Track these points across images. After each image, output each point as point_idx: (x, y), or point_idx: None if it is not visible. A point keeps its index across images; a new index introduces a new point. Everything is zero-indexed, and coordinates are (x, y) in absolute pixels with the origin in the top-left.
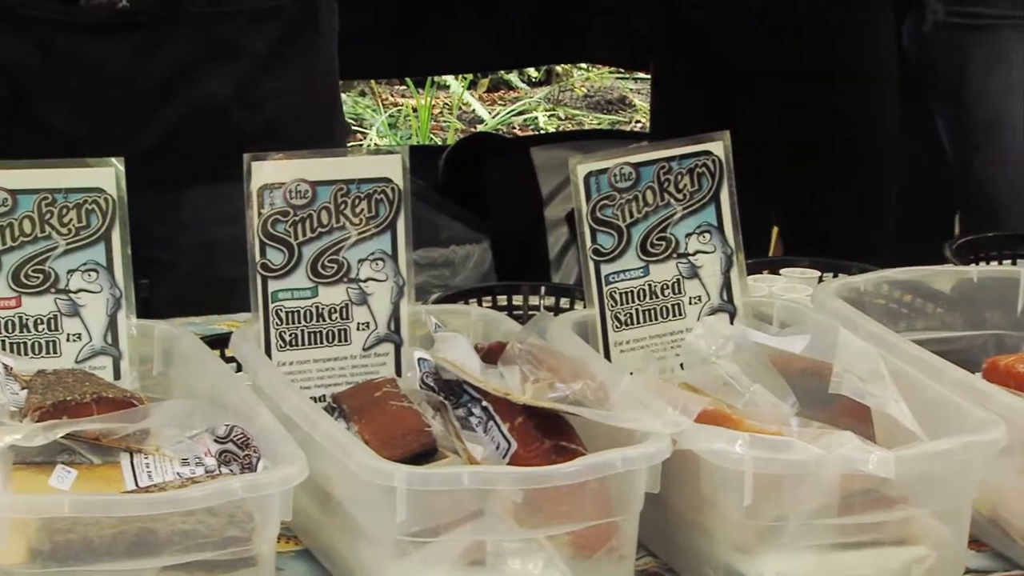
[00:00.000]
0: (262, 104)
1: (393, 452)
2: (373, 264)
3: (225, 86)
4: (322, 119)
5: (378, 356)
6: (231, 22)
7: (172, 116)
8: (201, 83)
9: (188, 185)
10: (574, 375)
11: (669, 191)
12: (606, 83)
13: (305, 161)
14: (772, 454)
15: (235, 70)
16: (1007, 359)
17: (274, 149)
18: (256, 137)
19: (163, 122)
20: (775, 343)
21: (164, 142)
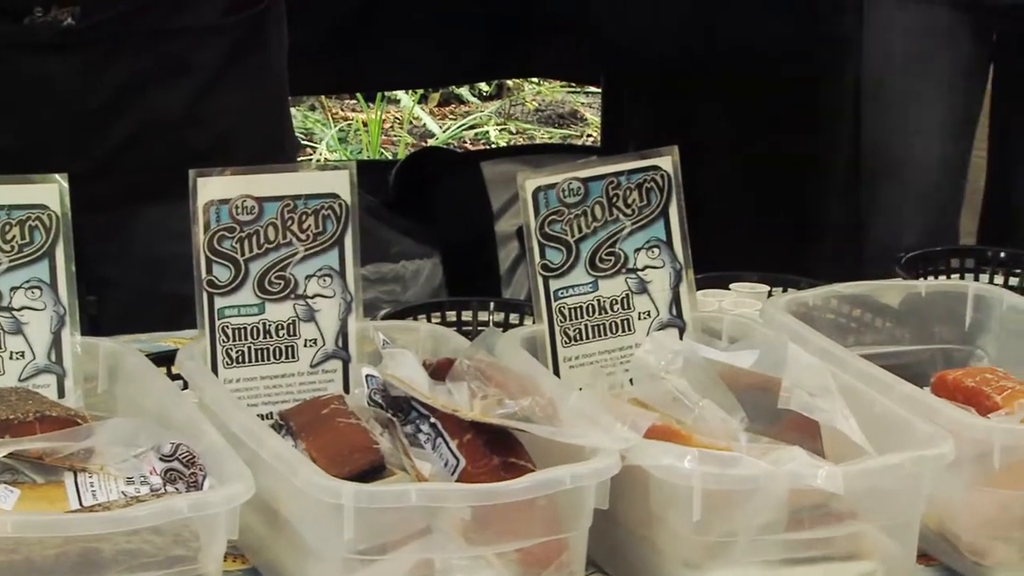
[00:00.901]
0: (212, 121)
1: (340, 470)
2: (320, 280)
3: (174, 103)
4: (273, 135)
5: (326, 373)
6: (179, 39)
7: (121, 134)
8: (150, 100)
9: (138, 202)
10: (523, 391)
11: (618, 206)
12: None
13: (251, 177)
14: (721, 469)
15: (184, 87)
16: (955, 373)
17: (225, 165)
18: (206, 154)
19: (112, 140)
20: (724, 358)
21: (113, 160)
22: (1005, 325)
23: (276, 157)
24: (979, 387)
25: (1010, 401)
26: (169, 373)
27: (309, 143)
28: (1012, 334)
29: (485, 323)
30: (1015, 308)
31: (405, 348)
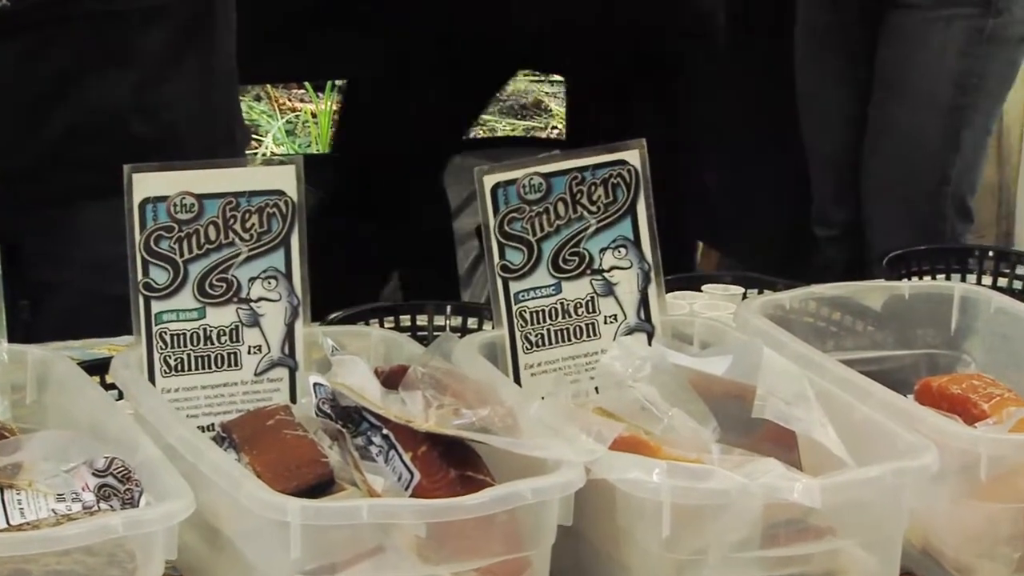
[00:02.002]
0: (159, 110)
1: (287, 484)
2: (265, 283)
3: (119, 91)
4: (224, 124)
5: (271, 382)
6: (123, 22)
7: (62, 125)
8: (93, 89)
9: (80, 199)
10: (481, 400)
11: (582, 203)
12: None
13: (191, 173)
14: (691, 483)
15: (129, 74)
16: (940, 380)
17: (174, 158)
18: (154, 146)
19: (52, 132)
20: (695, 364)
21: (54, 153)
22: (993, 328)
23: (227, 148)
24: (965, 395)
25: (998, 409)
26: (103, 382)
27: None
28: (1000, 338)
29: (441, 328)
30: (1003, 310)
31: (356, 355)
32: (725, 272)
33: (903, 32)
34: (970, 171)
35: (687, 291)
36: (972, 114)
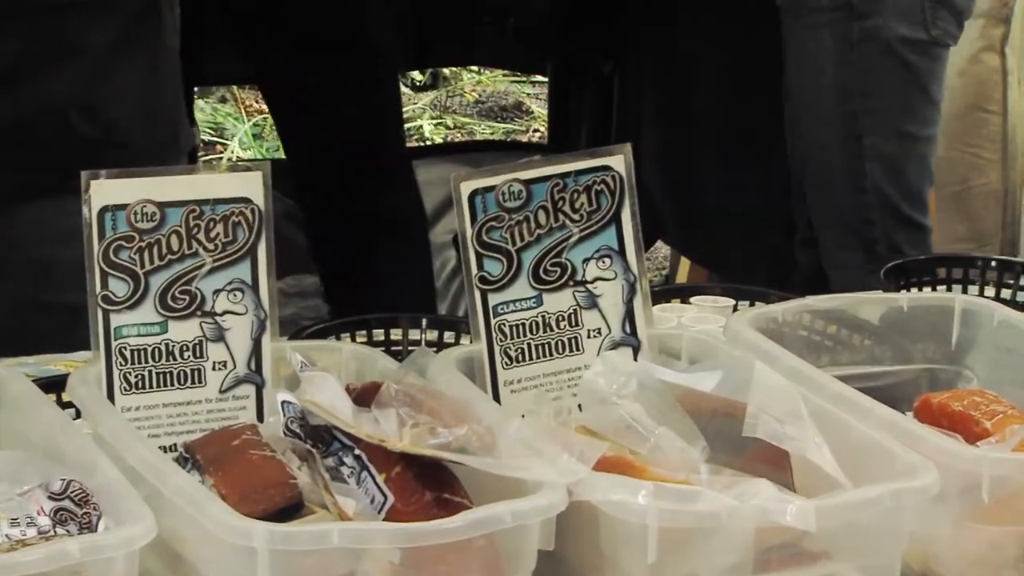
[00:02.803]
0: (103, 107)
1: (253, 508)
2: (231, 295)
3: (61, 87)
4: (168, 124)
5: (236, 399)
6: (65, 16)
7: (2, 122)
8: (34, 85)
9: (21, 199)
10: (458, 419)
11: (564, 211)
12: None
13: (152, 179)
14: (679, 505)
15: (72, 69)
16: (940, 396)
17: (117, 157)
18: (98, 144)
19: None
20: (683, 381)
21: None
22: (996, 342)
23: (171, 150)
24: (967, 412)
25: (1001, 427)
26: (59, 400)
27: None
28: (1004, 352)
29: (416, 342)
30: (1007, 323)
31: (326, 371)
32: (715, 283)
33: (786, 43)
34: (900, 178)
35: (675, 303)
36: (871, 120)
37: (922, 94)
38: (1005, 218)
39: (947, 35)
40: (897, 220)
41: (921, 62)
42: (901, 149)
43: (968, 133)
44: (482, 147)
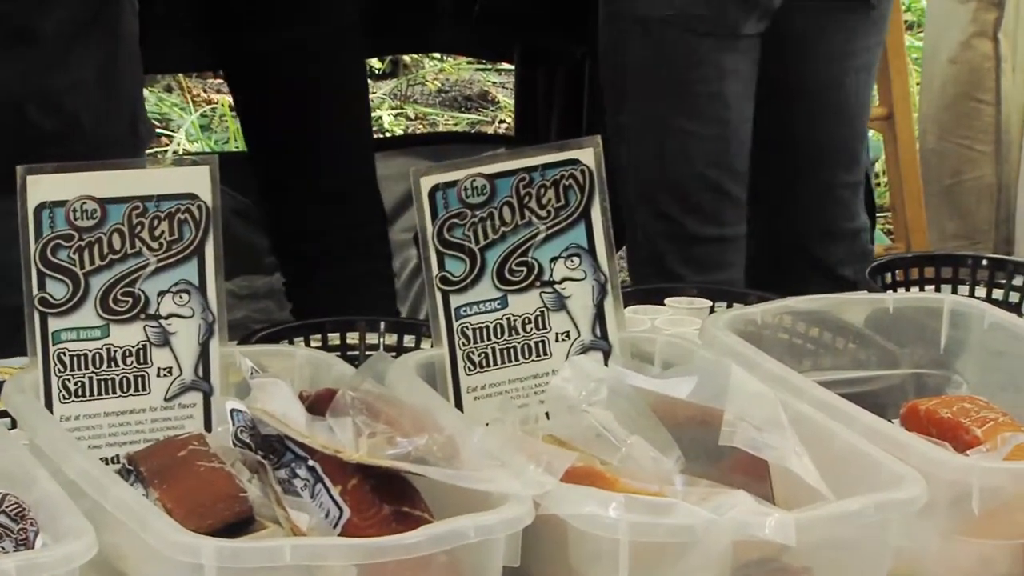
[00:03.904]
0: (59, 98)
1: (201, 522)
2: (176, 297)
3: (15, 77)
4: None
5: (183, 408)
6: (18, 2)
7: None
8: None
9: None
10: (418, 427)
11: (530, 207)
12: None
13: (92, 174)
14: (652, 519)
15: (26, 59)
16: (928, 403)
17: (73, 151)
18: (52, 138)
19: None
20: (657, 387)
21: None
22: (987, 345)
23: (130, 143)
24: (956, 419)
25: (992, 435)
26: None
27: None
28: (995, 356)
29: (375, 347)
30: (998, 325)
31: (278, 377)
32: (691, 284)
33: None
34: (659, 166)
35: (648, 305)
36: (627, 103)
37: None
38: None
39: (688, 17)
40: (653, 214)
41: (671, 45)
42: (661, 135)
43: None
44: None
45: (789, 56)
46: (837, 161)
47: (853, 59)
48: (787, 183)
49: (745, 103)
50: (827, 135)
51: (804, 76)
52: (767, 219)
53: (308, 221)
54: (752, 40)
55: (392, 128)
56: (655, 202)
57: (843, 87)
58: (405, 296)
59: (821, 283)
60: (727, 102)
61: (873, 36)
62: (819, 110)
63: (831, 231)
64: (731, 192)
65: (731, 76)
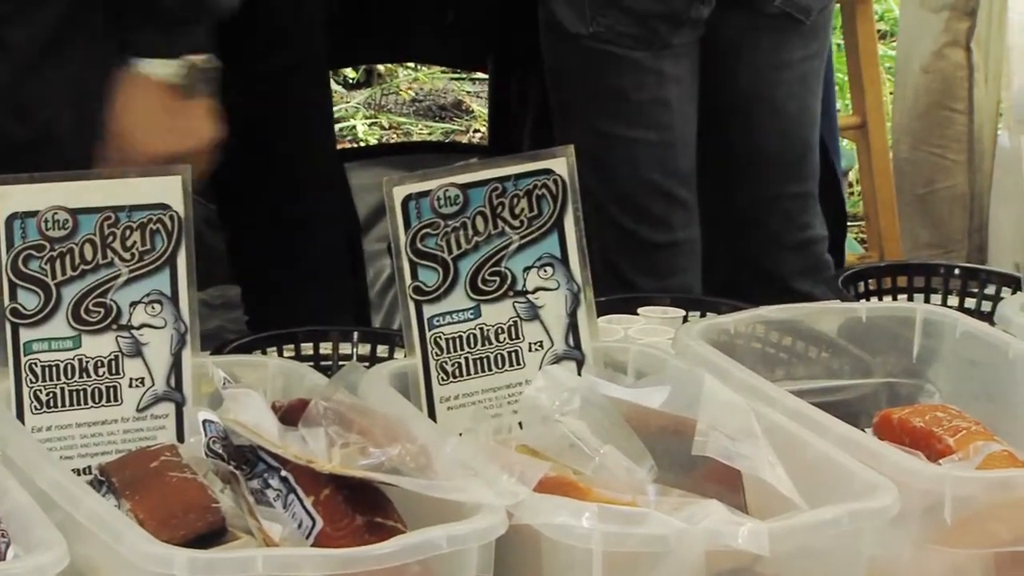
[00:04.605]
0: (35, 108)
1: (173, 533)
2: (148, 307)
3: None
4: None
5: (155, 418)
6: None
7: None
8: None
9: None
10: (391, 437)
11: (503, 217)
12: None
13: (64, 184)
14: (625, 528)
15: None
16: (901, 412)
17: (50, 162)
18: (27, 148)
19: None
20: (630, 396)
21: None
22: (959, 354)
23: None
24: (929, 428)
25: (964, 444)
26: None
27: None
28: (967, 365)
29: (347, 357)
30: (971, 334)
31: (250, 388)
32: (664, 293)
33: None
34: (604, 174)
35: (621, 314)
36: (565, 113)
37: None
38: (972, 223)
39: (614, 33)
40: (605, 223)
41: (605, 57)
42: (602, 146)
43: (932, 133)
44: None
45: (722, 67)
46: (779, 172)
47: (786, 71)
48: (729, 195)
49: (688, 106)
50: (765, 147)
51: (737, 88)
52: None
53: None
54: (687, 47)
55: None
56: (605, 212)
57: (775, 99)
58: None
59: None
60: (669, 106)
61: (810, 47)
62: (755, 122)
63: (779, 242)
64: (680, 196)
65: (670, 81)
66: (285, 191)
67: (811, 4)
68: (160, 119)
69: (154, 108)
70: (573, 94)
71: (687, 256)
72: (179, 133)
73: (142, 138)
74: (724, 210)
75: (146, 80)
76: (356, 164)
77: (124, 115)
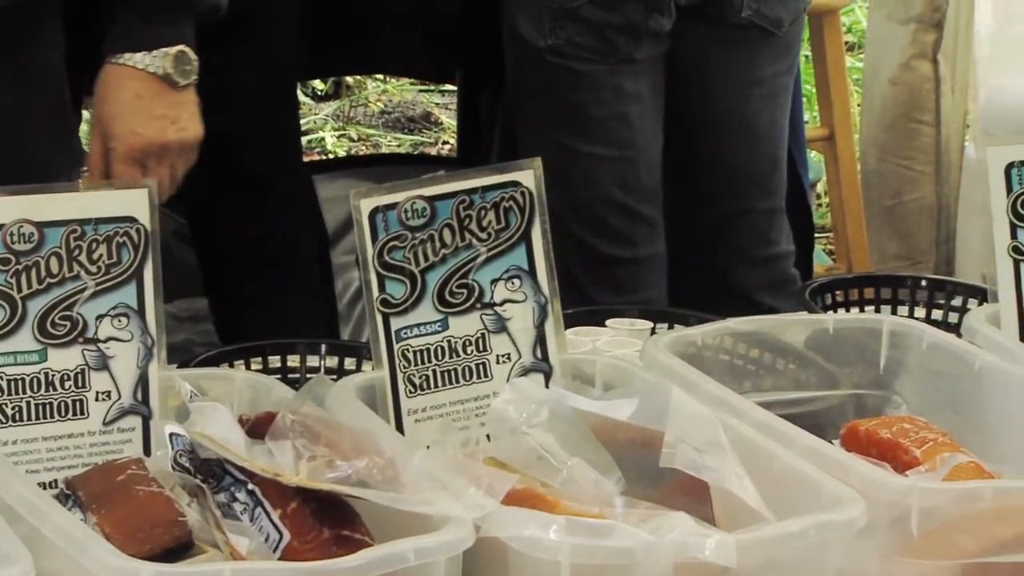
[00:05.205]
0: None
1: (140, 547)
2: (115, 321)
3: None
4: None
5: (121, 432)
6: None
7: None
8: None
9: None
10: (358, 450)
11: (470, 229)
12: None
13: (29, 198)
14: (593, 541)
15: None
16: (868, 423)
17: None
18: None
19: None
20: (597, 409)
21: None
22: (926, 366)
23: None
24: (895, 439)
25: (931, 455)
26: None
27: None
28: (934, 376)
29: (315, 369)
30: (937, 346)
31: (217, 401)
32: (632, 305)
33: None
34: (567, 190)
35: (589, 326)
36: (528, 127)
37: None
38: (939, 235)
39: (572, 45)
40: (565, 238)
41: (565, 72)
42: (562, 160)
43: (900, 145)
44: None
45: (690, 83)
46: (746, 188)
47: (756, 87)
48: (696, 210)
49: (651, 123)
50: (733, 162)
51: (705, 103)
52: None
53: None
54: (651, 62)
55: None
56: (566, 226)
57: (745, 115)
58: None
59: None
60: (630, 123)
61: (781, 63)
62: (724, 137)
63: (746, 257)
64: (642, 212)
65: (630, 97)
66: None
67: (781, 15)
68: (141, 108)
69: (135, 98)
70: (534, 107)
71: (650, 272)
72: (161, 123)
73: (123, 127)
74: (691, 225)
75: (128, 70)
76: (324, 176)
77: (106, 104)
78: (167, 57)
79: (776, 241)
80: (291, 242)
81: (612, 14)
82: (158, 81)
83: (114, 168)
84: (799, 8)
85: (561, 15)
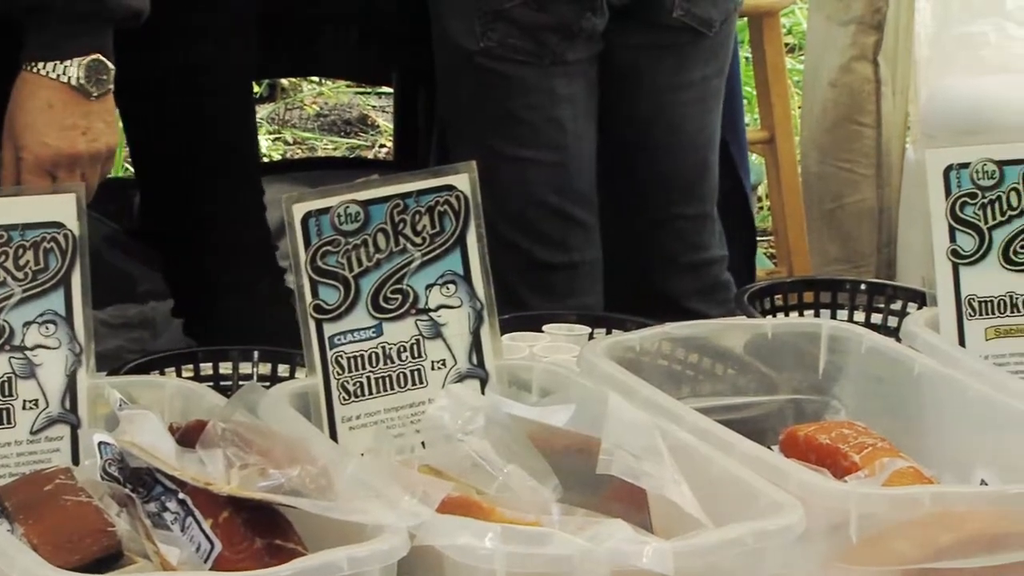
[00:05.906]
0: None
1: (68, 558)
2: (42, 328)
3: None
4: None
5: (49, 441)
6: None
7: None
8: None
9: None
10: (291, 459)
11: (405, 234)
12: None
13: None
14: (529, 549)
15: None
16: (807, 429)
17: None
18: None
19: None
20: (534, 415)
21: None
22: (865, 370)
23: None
24: (835, 445)
25: (870, 461)
26: None
27: None
28: (873, 381)
29: (247, 376)
30: (876, 350)
31: (147, 409)
32: (569, 311)
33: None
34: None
35: (526, 331)
36: (455, 132)
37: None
38: (880, 238)
39: (505, 48)
40: (499, 243)
41: (495, 75)
42: (494, 164)
43: (840, 147)
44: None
45: (619, 86)
46: (675, 194)
47: (685, 92)
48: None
49: (584, 126)
50: (662, 168)
51: (633, 107)
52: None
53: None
54: (584, 65)
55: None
56: (499, 232)
57: (673, 119)
58: None
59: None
60: (563, 127)
61: (710, 66)
62: (651, 142)
63: (674, 263)
64: (576, 217)
65: (563, 100)
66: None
67: (712, 15)
68: (52, 119)
69: (46, 107)
70: (465, 112)
71: (586, 278)
72: (71, 133)
73: (32, 137)
74: (622, 231)
75: (41, 79)
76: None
77: (18, 113)
78: (80, 66)
79: (707, 246)
80: (247, 239)
81: (544, 14)
82: (70, 91)
83: (23, 177)
84: (730, 8)
85: (493, 17)
